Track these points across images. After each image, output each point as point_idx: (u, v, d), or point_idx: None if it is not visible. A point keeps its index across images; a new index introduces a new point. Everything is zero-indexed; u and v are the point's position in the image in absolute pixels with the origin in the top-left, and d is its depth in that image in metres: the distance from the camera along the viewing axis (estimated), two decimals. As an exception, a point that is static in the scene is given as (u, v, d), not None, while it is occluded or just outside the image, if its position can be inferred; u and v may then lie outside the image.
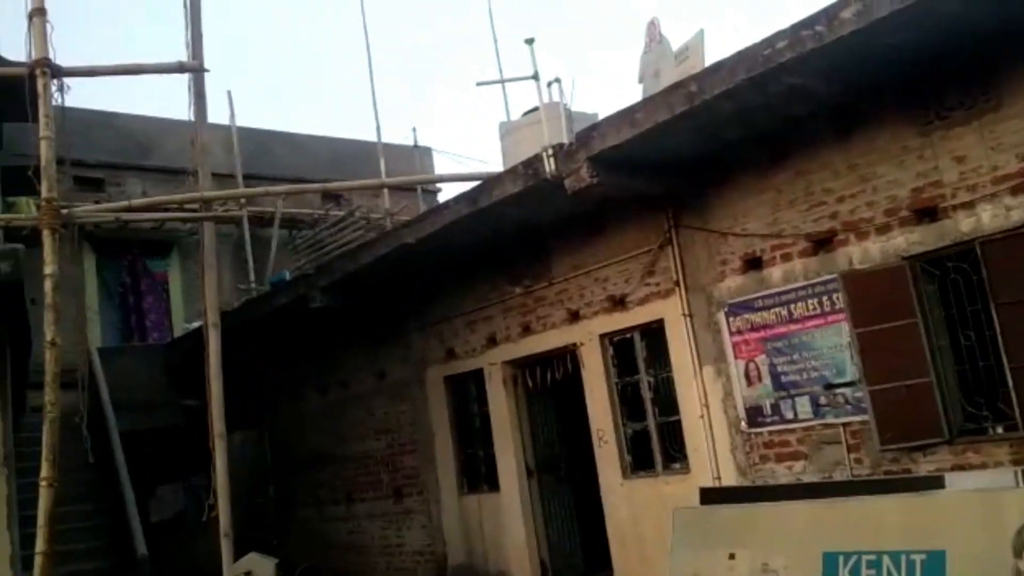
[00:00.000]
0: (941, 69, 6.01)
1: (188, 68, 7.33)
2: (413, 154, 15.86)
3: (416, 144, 16.12)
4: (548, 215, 8.44)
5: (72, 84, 7.05)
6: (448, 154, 42.45)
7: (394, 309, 11.10)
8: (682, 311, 7.83)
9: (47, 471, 6.38)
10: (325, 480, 12.73)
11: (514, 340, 9.59)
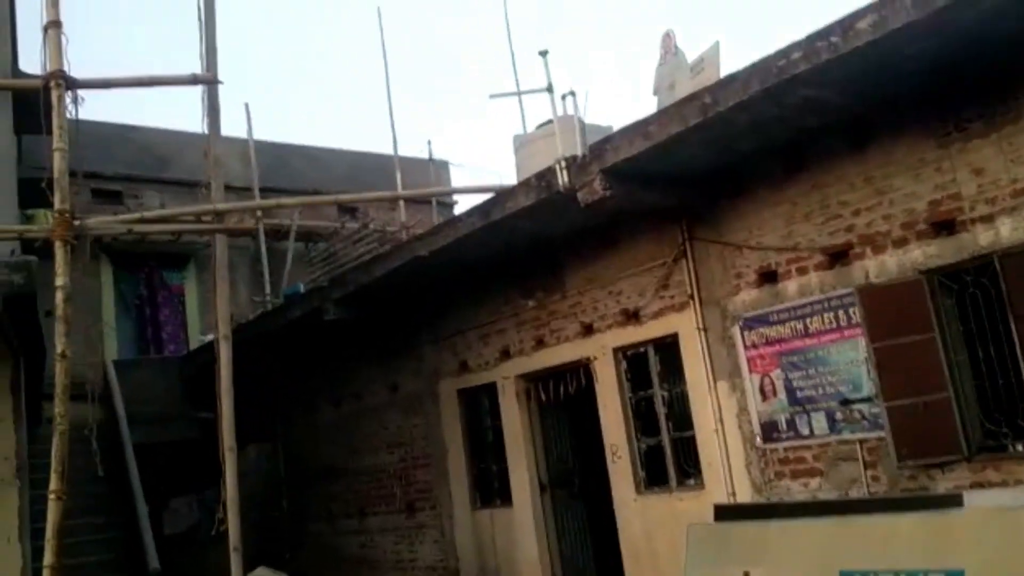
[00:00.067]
0: (959, 80, 5.93)
1: (202, 80, 7.36)
2: (429, 167, 15.87)
3: (432, 157, 16.13)
4: (561, 228, 8.40)
5: (90, 97, 7.10)
6: (464, 167, 42.56)
7: (407, 322, 11.08)
8: (696, 325, 7.76)
9: (56, 484, 6.38)
10: (338, 493, 12.70)
11: (527, 353, 9.54)
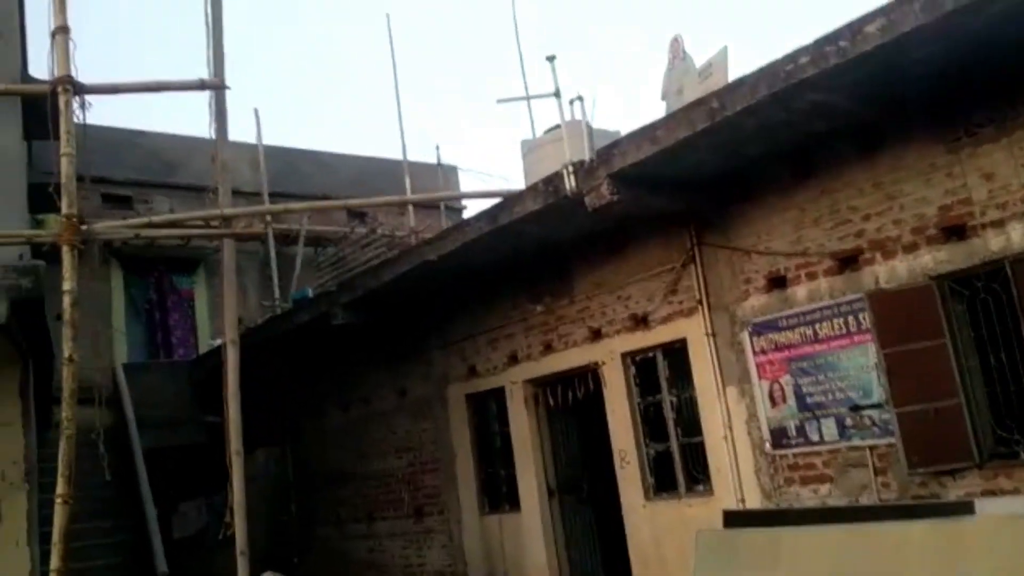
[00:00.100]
0: (968, 84, 5.88)
1: (209, 85, 7.37)
2: (438, 172, 15.86)
3: (440, 162, 16.11)
4: (569, 233, 8.38)
5: (100, 102, 7.10)
6: (473, 172, 42.55)
7: (416, 326, 11.07)
8: (705, 330, 7.72)
9: (63, 488, 6.38)
10: (346, 498, 12.68)
11: (535, 358, 9.51)
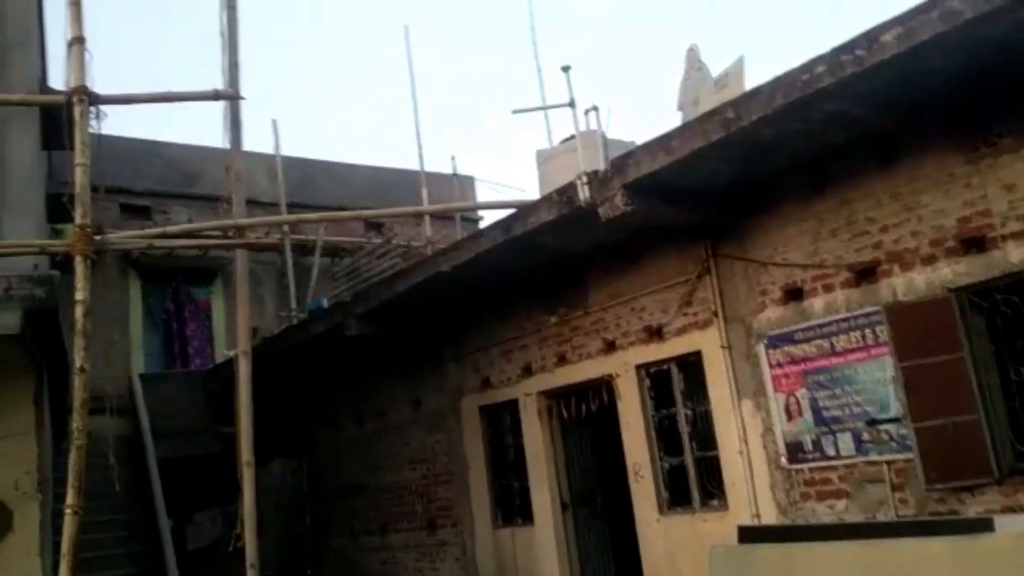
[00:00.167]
0: (987, 94, 5.80)
1: (223, 96, 7.39)
2: (453, 182, 15.88)
3: (456, 172, 16.13)
4: (583, 243, 8.32)
5: (120, 113, 7.14)
6: (489, 183, 42.54)
7: (430, 337, 11.03)
8: (720, 343, 7.64)
9: (72, 498, 6.36)
10: (360, 509, 12.65)
11: (549, 370, 9.45)
